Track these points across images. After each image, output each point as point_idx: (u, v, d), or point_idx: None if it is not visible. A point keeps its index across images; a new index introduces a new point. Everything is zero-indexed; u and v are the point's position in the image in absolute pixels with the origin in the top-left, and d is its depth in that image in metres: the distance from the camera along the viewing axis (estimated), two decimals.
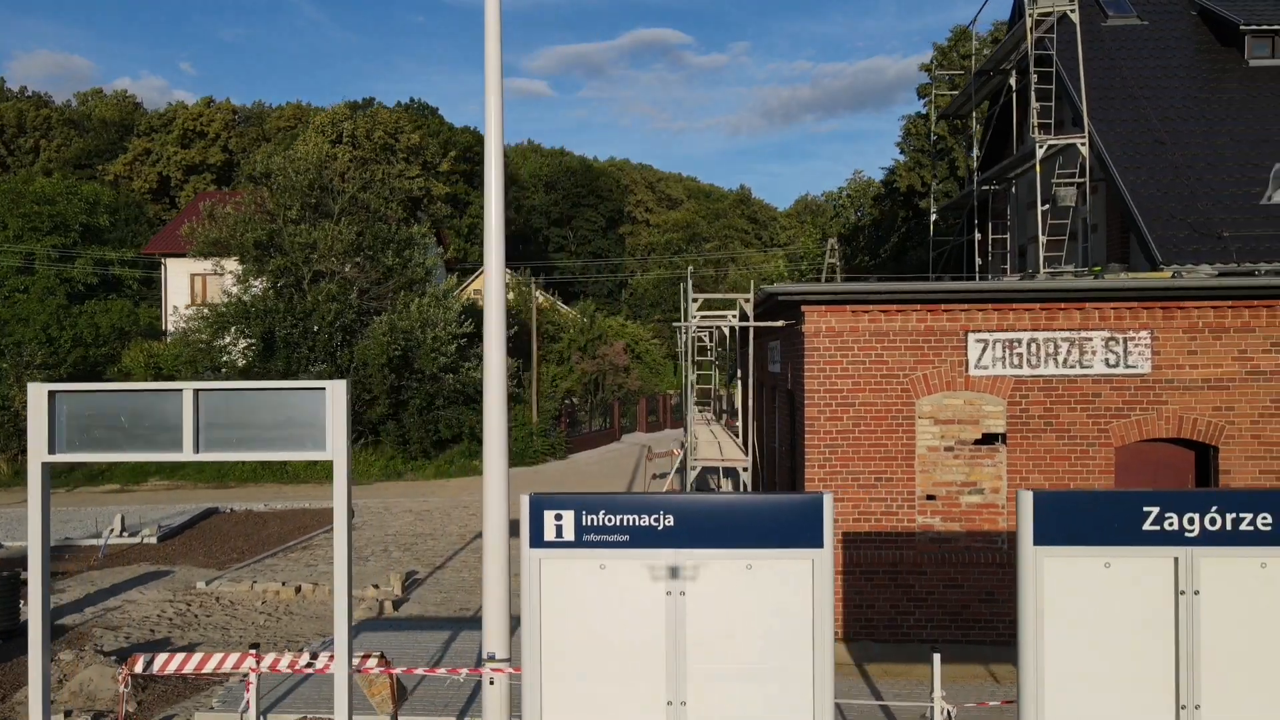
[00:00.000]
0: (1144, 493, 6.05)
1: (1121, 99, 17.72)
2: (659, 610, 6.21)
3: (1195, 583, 6.04)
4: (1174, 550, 6.04)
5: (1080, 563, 6.09)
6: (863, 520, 12.79)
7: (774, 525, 6.23)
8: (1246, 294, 12.31)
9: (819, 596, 6.24)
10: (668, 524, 6.18)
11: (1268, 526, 5.98)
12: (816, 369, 12.84)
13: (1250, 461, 12.45)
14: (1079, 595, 6.11)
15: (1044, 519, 6.08)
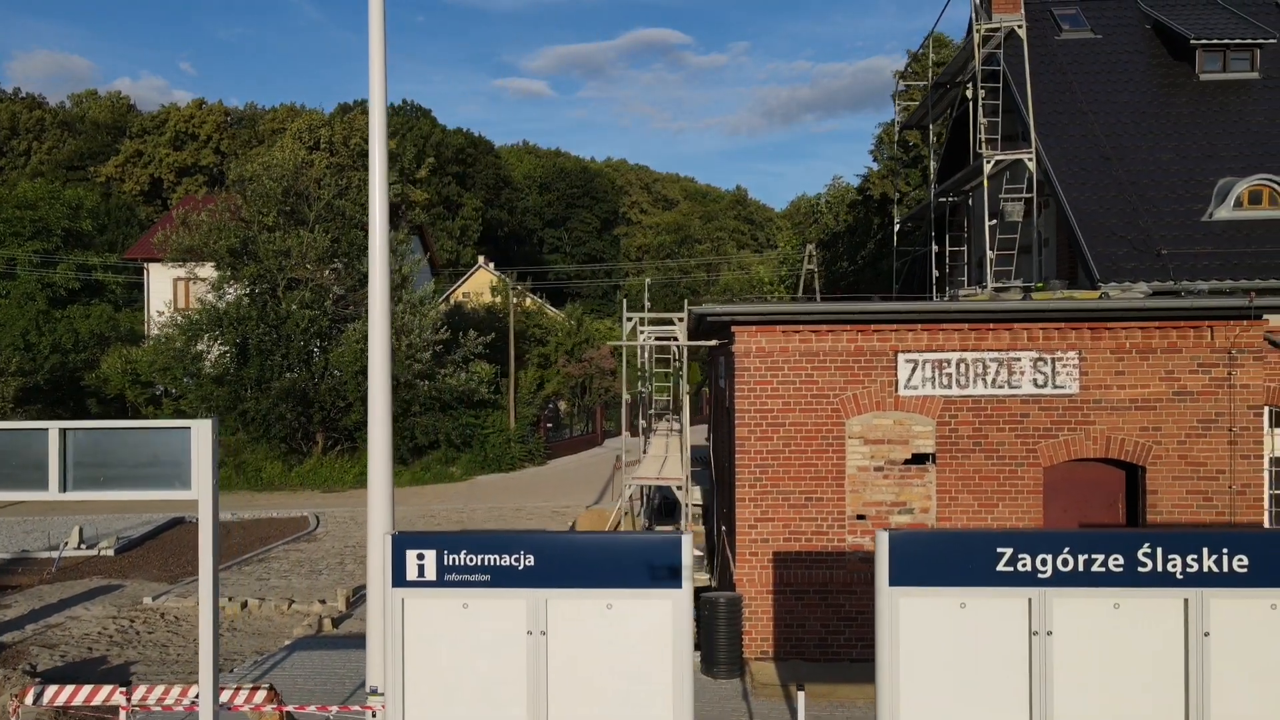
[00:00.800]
0: (998, 534, 6.11)
1: (1070, 114, 17.77)
2: (520, 650, 6.25)
3: (1048, 623, 6.08)
4: (1028, 591, 6.09)
5: (936, 603, 6.14)
6: (793, 540, 12.83)
7: (634, 565, 6.27)
8: (1173, 315, 12.36)
9: (678, 636, 6.27)
10: (528, 564, 6.22)
11: (1119, 567, 6.02)
12: (747, 389, 12.88)
13: (1177, 481, 12.50)
14: (936, 635, 6.15)
15: (900, 560, 6.13)
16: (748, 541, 12.83)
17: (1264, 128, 17.28)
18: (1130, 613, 6.06)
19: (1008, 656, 6.11)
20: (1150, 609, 6.03)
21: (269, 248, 33.07)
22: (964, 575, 6.07)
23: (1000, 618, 6.10)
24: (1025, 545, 6.07)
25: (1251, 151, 16.79)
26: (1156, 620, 6.03)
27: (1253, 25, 18.54)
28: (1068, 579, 6.05)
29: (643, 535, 6.64)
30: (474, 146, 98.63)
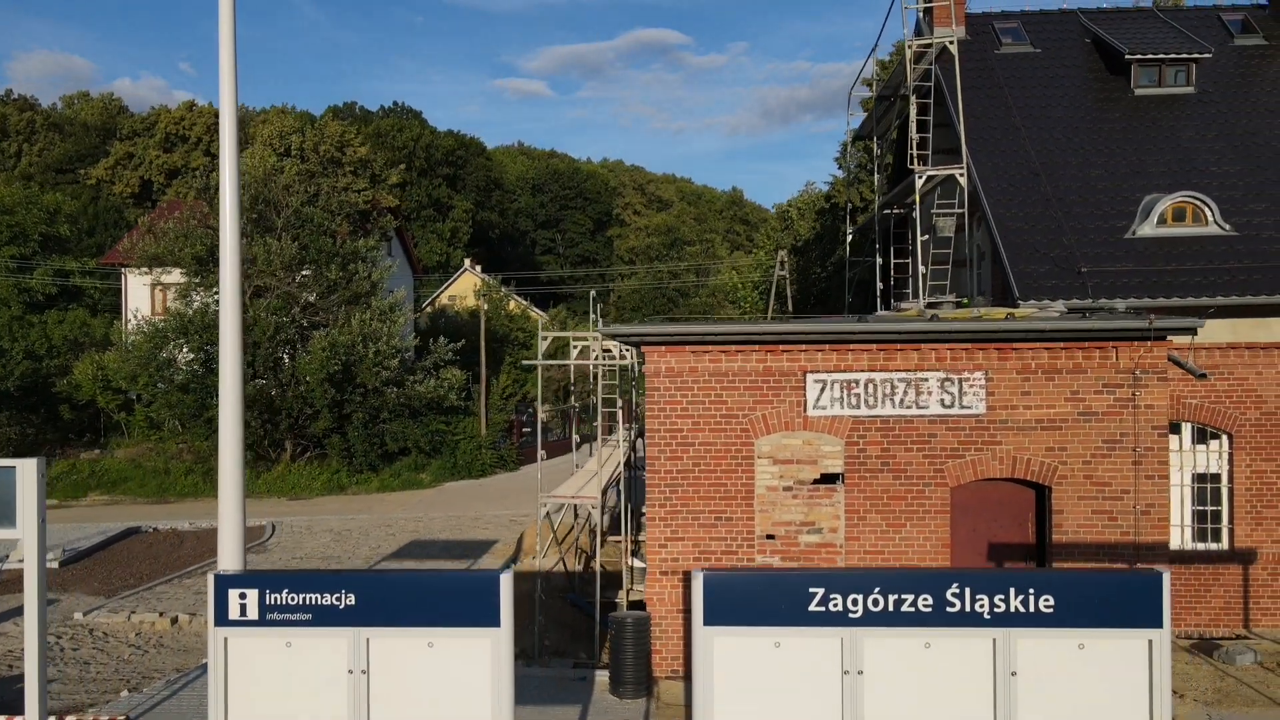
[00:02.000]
0: (809, 574, 6.19)
1: (1004, 129, 17.84)
2: (342, 689, 6.31)
3: (860, 663, 6.14)
4: (839, 630, 6.15)
5: (751, 642, 6.20)
6: (703, 559, 12.88)
7: (454, 603, 6.33)
8: (1078, 336, 12.43)
9: (498, 675, 6.33)
10: (349, 602, 6.29)
11: (929, 607, 6.09)
12: (657, 408, 12.94)
13: (1082, 501, 12.57)
14: (751, 674, 6.21)
15: (715, 599, 6.19)
16: (658, 560, 12.90)
17: (1194, 143, 17.35)
18: (940, 652, 6.13)
19: (821, 696, 6.17)
20: (960, 648, 6.09)
21: None
22: (778, 615, 6.14)
23: (813, 657, 6.16)
24: (837, 585, 6.13)
25: (1180, 167, 16.86)
26: (966, 660, 6.09)
27: (1189, 40, 18.61)
28: (878, 619, 6.11)
29: (462, 573, 6.70)
30: (464, 148, 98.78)
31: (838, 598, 6.11)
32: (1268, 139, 17.25)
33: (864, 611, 6.10)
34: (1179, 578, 15.35)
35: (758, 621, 6.15)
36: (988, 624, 6.06)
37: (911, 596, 6.08)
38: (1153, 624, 6.02)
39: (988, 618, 6.06)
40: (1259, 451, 15.13)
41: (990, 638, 6.08)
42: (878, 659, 6.13)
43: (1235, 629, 15.19)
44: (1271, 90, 18.37)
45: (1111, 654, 6.05)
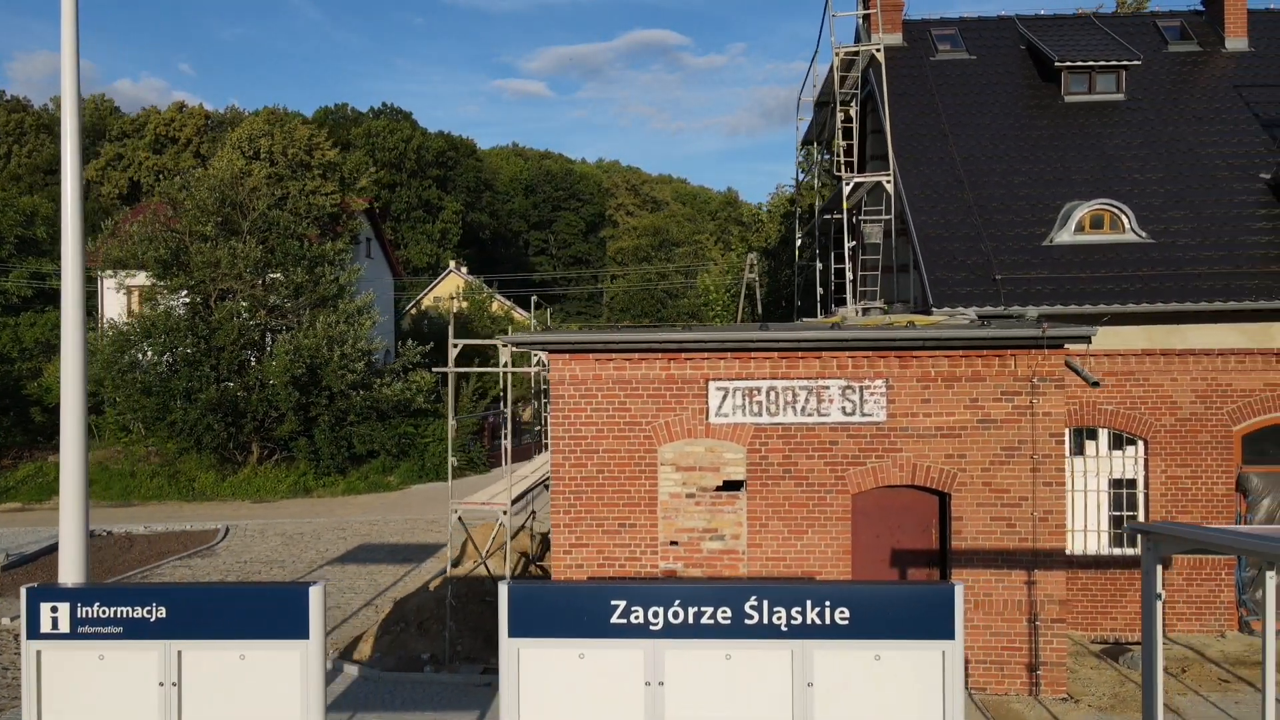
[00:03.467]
0: (612, 586, 6.26)
1: (933, 136, 17.91)
2: (154, 702, 6.39)
3: (661, 674, 6.22)
4: (641, 642, 6.23)
5: (556, 654, 6.28)
6: (607, 565, 12.98)
7: (264, 616, 6.40)
8: (977, 344, 12.52)
9: (308, 687, 6.41)
10: (160, 615, 6.36)
11: (728, 620, 6.17)
12: (561, 416, 13.03)
13: (981, 508, 12.66)
14: (557, 686, 6.30)
15: (519, 611, 6.28)
16: (563, 567, 12.98)
17: (1119, 150, 17.42)
18: (741, 663, 6.21)
19: (624, 707, 6.26)
20: (759, 660, 6.17)
21: (199, 259, 33.21)
22: (581, 627, 6.22)
23: (616, 668, 6.24)
24: (638, 598, 6.21)
25: (1104, 175, 16.93)
26: (765, 671, 6.17)
27: (1120, 47, 18.68)
28: (679, 631, 6.19)
29: (272, 586, 6.77)
30: (455, 149, 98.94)
31: (639, 610, 6.19)
32: (1191, 146, 17.33)
33: (664, 624, 6.18)
34: (1095, 583, 15.46)
35: (562, 633, 6.23)
36: (785, 636, 6.14)
37: (711, 609, 6.16)
38: (945, 635, 6.10)
39: (785, 630, 6.14)
40: (1173, 457, 15.24)
41: (789, 649, 6.16)
42: (679, 670, 6.21)
43: None
44: (1200, 97, 18.46)
45: (907, 665, 6.12)
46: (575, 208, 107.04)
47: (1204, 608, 15.25)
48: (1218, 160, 16.99)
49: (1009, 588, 12.66)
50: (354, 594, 18.80)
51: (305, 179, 38.25)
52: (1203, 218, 16.02)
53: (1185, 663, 13.86)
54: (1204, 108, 18.16)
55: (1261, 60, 19.19)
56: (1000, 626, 12.66)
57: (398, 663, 13.78)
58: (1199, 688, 12.83)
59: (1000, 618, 12.67)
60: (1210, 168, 16.89)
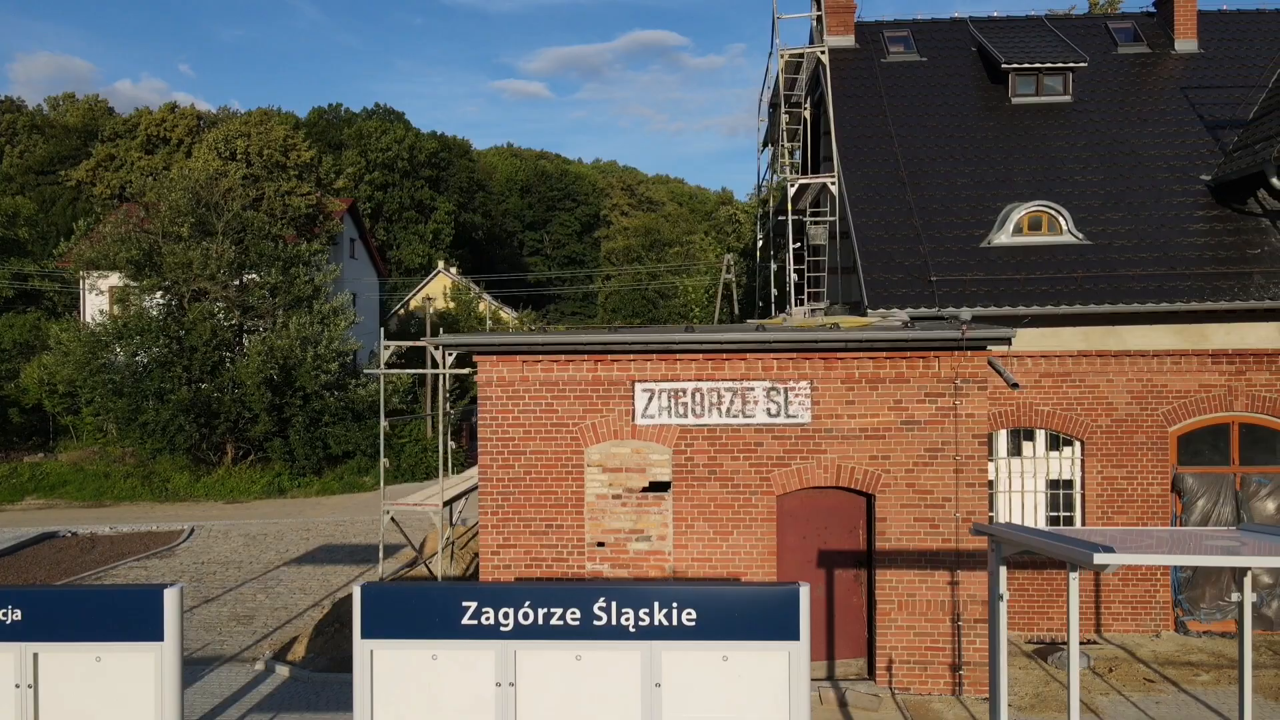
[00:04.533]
0: (463, 588, 6.30)
1: (879, 138, 17.96)
2: (10, 704, 6.43)
3: (512, 675, 6.27)
4: (493, 643, 6.29)
5: (409, 655, 6.33)
6: (534, 566, 13.03)
7: (120, 618, 6.45)
8: (900, 345, 12.57)
9: (164, 689, 6.46)
10: (16, 618, 6.41)
11: (577, 621, 6.22)
12: (489, 417, 13.08)
13: (905, 509, 12.71)
14: (410, 687, 6.34)
15: (373, 612, 6.32)
16: (490, 568, 13.03)
17: (1063, 152, 17.47)
18: (591, 664, 6.26)
19: (476, 707, 6.31)
20: (608, 661, 6.22)
21: (171, 259, 33.26)
22: (433, 628, 6.27)
23: (469, 670, 6.29)
24: (489, 599, 6.27)
25: (1045, 176, 16.98)
26: (615, 671, 6.22)
27: (1067, 49, 18.73)
28: (529, 632, 6.25)
29: (127, 588, 6.81)
30: (448, 150, 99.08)
31: (490, 611, 6.24)
32: (1133, 147, 17.38)
33: (515, 625, 6.24)
34: (1032, 583, 15.51)
35: (415, 634, 6.29)
36: (634, 637, 6.19)
37: (560, 610, 6.21)
38: (791, 637, 6.15)
39: (634, 631, 6.19)
40: (1109, 458, 15.29)
41: (637, 650, 6.21)
42: (530, 671, 6.26)
43: (1087, 634, 15.34)
44: (1147, 99, 18.52)
45: (754, 665, 6.18)
46: (570, 208, 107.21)
47: (1140, 608, 15.30)
48: (1159, 162, 17.04)
49: (932, 588, 12.72)
50: (304, 595, 18.85)
51: (280, 180, 38.28)
52: (1141, 219, 16.08)
53: (1114, 662, 13.92)
54: (1150, 109, 18.22)
55: (1210, 62, 19.25)
56: (924, 627, 12.71)
57: (330, 663, 13.83)
58: (1123, 688, 12.89)
59: (924, 618, 12.72)
60: (1152, 169, 16.94)
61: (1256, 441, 15.21)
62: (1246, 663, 7.68)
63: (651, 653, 6.18)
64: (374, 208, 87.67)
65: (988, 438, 15.10)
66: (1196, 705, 12.22)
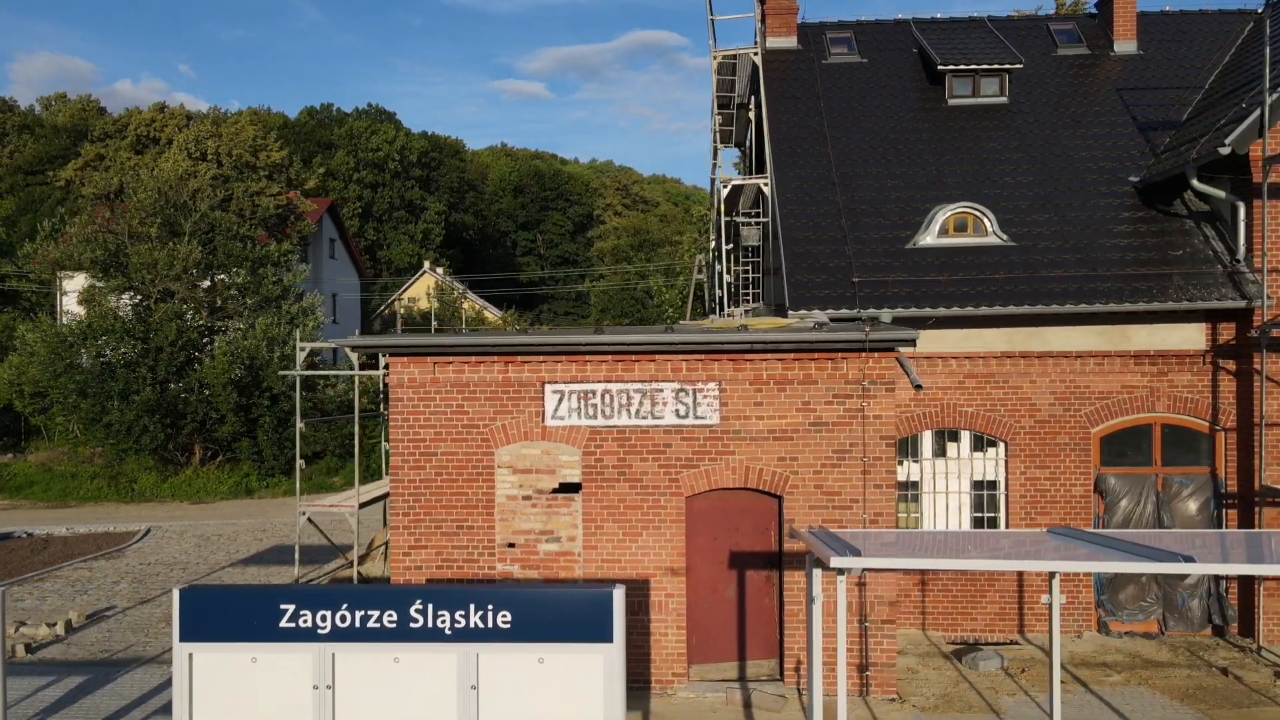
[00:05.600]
0: (281, 591, 6.33)
1: (814, 139, 17.97)
2: None
3: (329, 677, 6.29)
4: (311, 646, 6.30)
5: (228, 658, 6.35)
6: (446, 567, 13.05)
7: None
8: (808, 347, 12.59)
9: None
10: None
11: (394, 623, 6.24)
12: (400, 419, 13.10)
13: (813, 511, 12.74)
14: (229, 689, 6.36)
15: (191, 616, 6.34)
16: (402, 569, 13.05)
17: (995, 154, 17.48)
18: (409, 666, 6.28)
19: (295, 710, 6.33)
20: (425, 663, 6.24)
21: (136, 260, 33.26)
22: (252, 631, 6.29)
23: (287, 672, 6.31)
24: (307, 602, 6.29)
25: (976, 178, 16.98)
26: (432, 673, 6.24)
27: (1004, 50, 18.74)
28: (347, 634, 6.27)
29: None
30: (438, 150, 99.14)
31: (308, 614, 6.26)
32: (1065, 149, 17.40)
33: (332, 627, 6.26)
34: (956, 584, 15.54)
35: (234, 637, 6.31)
36: (450, 639, 6.22)
37: (378, 613, 6.23)
38: (605, 639, 6.17)
39: (449, 633, 6.22)
40: (1033, 459, 15.33)
41: (453, 652, 6.24)
42: (348, 673, 6.28)
43: (1010, 635, 15.38)
44: (1082, 100, 18.53)
45: (569, 667, 6.20)
46: (563, 208, 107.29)
47: (1063, 608, 15.31)
48: (1090, 164, 17.06)
49: None
50: None
51: (250, 180, 38.29)
52: (1067, 221, 16.10)
53: (1029, 663, 13.95)
54: (1084, 111, 18.24)
55: (1148, 63, 19.27)
56: (832, 627, 12.71)
57: None
58: (1031, 688, 12.92)
59: (832, 619, 12.73)
60: (1082, 171, 16.96)
61: (1178, 442, 15.25)
62: (1055, 662, 7.84)
63: (467, 654, 6.20)
64: (364, 207, 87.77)
65: (914, 439, 15.19)
66: (1099, 706, 12.25)
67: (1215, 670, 13.54)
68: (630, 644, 12.84)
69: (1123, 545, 8.24)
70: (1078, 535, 9.12)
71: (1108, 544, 8.46)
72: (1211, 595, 15.06)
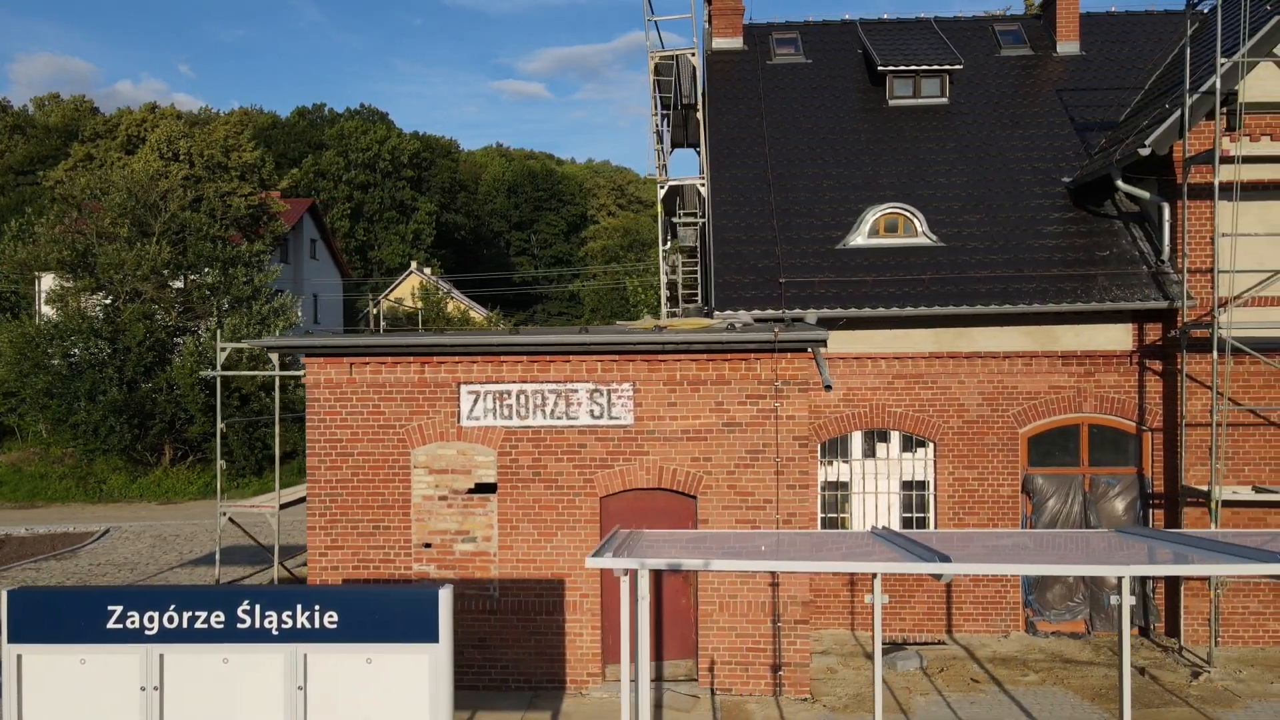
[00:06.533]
0: (109, 591, 6.33)
1: (753, 139, 17.97)
2: None
3: (157, 679, 6.30)
4: (139, 647, 6.31)
5: (57, 659, 6.35)
6: (362, 568, 13.06)
7: None
8: (721, 348, 12.60)
9: None
10: None
11: (221, 624, 6.25)
12: (317, 419, 13.11)
13: (727, 510, 12.75)
14: (59, 692, 6.37)
15: (19, 616, 6.35)
16: (318, 569, 13.06)
17: (931, 154, 17.49)
18: (238, 667, 6.29)
19: (124, 712, 6.33)
20: (254, 664, 6.25)
21: (104, 260, 33.27)
22: (80, 632, 6.30)
23: (115, 673, 6.32)
24: (134, 602, 6.29)
25: (910, 179, 16.98)
26: (260, 674, 6.25)
27: (945, 51, 18.74)
28: (175, 635, 6.27)
29: None
30: (430, 150, 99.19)
31: (135, 615, 6.27)
32: (1001, 150, 17.41)
33: (160, 628, 6.27)
34: (886, 583, 15.51)
35: (63, 638, 6.31)
36: (277, 639, 6.23)
37: (205, 614, 6.24)
38: (430, 639, 6.19)
39: (277, 634, 6.23)
40: (961, 459, 15.34)
41: (281, 653, 6.25)
42: (177, 674, 6.29)
43: (938, 634, 15.39)
44: (1022, 101, 18.54)
45: (396, 667, 6.21)
46: (556, 208, 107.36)
47: (990, 608, 15.34)
48: (1025, 164, 17.08)
49: (754, 589, 12.75)
50: None
51: (221, 180, 38.29)
52: (998, 221, 16.11)
53: (950, 663, 13.96)
54: (1023, 111, 18.25)
55: (1089, 64, 19.28)
56: (745, 628, 12.75)
57: None
58: (945, 688, 12.93)
59: (745, 619, 12.76)
60: (1016, 172, 16.98)
61: (1105, 443, 15.27)
62: (877, 660, 7.95)
63: (294, 655, 6.21)
64: (354, 208, 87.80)
65: (843, 439, 15.20)
66: (1009, 705, 12.26)
67: (1133, 670, 13.55)
68: (544, 644, 12.89)
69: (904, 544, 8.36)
70: (888, 537, 9.21)
71: (898, 543, 8.55)
72: (1135, 596, 15.08)
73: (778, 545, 9.79)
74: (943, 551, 7.99)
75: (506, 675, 12.89)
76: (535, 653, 12.79)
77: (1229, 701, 12.30)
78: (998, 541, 9.40)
